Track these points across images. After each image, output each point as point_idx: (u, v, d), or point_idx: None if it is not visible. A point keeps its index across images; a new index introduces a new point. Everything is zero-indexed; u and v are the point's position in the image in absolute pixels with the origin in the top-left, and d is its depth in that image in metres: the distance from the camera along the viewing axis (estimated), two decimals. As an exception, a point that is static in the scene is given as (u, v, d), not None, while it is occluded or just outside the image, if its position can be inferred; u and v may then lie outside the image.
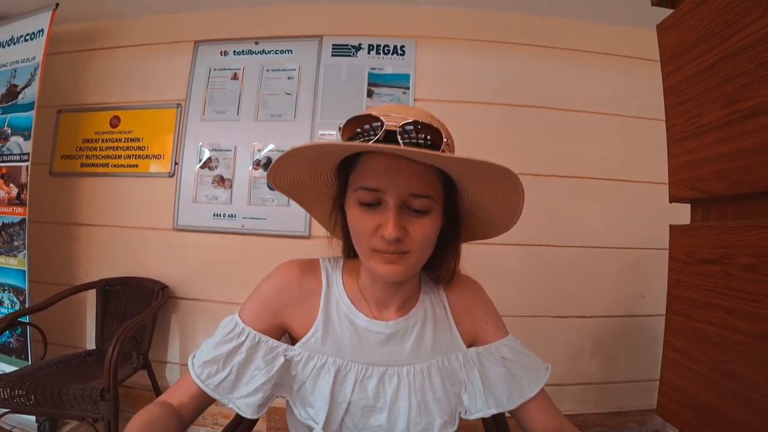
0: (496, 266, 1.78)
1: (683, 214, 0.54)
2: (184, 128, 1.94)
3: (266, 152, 1.89)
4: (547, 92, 1.88)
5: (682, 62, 0.50)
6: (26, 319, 1.66)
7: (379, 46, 1.90)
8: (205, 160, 1.92)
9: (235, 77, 1.95)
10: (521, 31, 1.90)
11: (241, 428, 0.71)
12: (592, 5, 1.81)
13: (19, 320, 1.60)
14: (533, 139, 1.86)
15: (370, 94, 1.87)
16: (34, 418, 1.70)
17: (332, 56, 1.91)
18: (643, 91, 1.86)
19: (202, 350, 0.61)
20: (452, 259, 0.65)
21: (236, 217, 1.88)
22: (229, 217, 1.88)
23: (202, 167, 1.92)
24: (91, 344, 1.91)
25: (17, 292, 1.81)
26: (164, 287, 1.84)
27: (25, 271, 1.78)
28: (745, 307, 0.42)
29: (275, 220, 1.85)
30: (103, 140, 2.02)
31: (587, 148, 1.87)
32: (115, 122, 2.02)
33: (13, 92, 1.90)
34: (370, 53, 1.90)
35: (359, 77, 1.89)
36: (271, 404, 0.61)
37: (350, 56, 1.90)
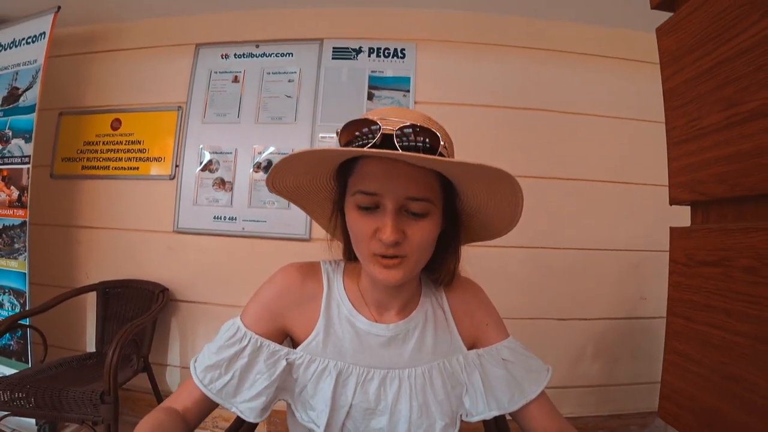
0: (496, 268, 1.78)
1: (683, 216, 0.54)
2: (184, 131, 1.95)
3: (267, 155, 1.89)
4: (547, 95, 1.88)
5: (681, 65, 0.50)
6: (26, 321, 1.66)
7: (379, 49, 1.90)
8: (205, 162, 1.92)
9: (235, 80, 1.95)
10: (521, 34, 1.90)
11: (241, 431, 0.71)
12: (591, 8, 1.82)
13: (19, 323, 1.60)
14: (533, 141, 1.87)
15: (370, 97, 1.87)
16: (33, 420, 1.70)
17: (333, 59, 1.92)
18: (642, 93, 1.86)
19: (204, 354, 0.61)
20: (452, 261, 0.65)
21: (237, 219, 1.88)
22: (229, 219, 1.88)
23: (202, 170, 1.92)
24: (91, 347, 1.91)
25: (17, 294, 1.81)
26: (164, 290, 1.84)
27: (25, 273, 1.78)
28: (745, 309, 0.42)
29: (276, 222, 1.86)
30: (104, 143, 2.03)
31: (587, 150, 1.88)
32: (116, 125, 2.02)
33: (14, 95, 1.90)
34: (370, 56, 1.90)
35: (360, 80, 1.89)
36: (273, 407, 0.61)
37: (351, 59, 1.91)
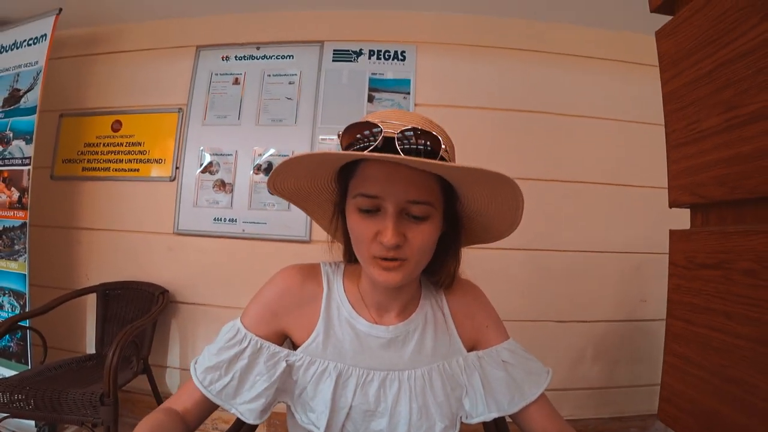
0: (496, 271, 1.78)
1: (683, 218, 0.54)
2: (185, 133, 1.95)
3: (267, 157, 1.89)
4: (546, 97, 1.89)
5: (680, 68, 0.50)
6: (26, 323, 1.65)
7: (379, 51, 1.91)
8: (206, 164, 1.93)
9: (236, 82, 1.96)
10: (521, 36, 1.91)
11: (241, 433, 0.71)
12: (591, 11, 1.83)
13: (19, 324, 1.60)
14: (534, 143, 1.87)
15: (370, 99, 1.88)
16: (33, 422, 1.69)
17: (333, 61, 1.92)
18: (642, 95, 1.87)
19: (204, 356, 0.61)
20: (452, 263, 0.65)
21: (237, 221, 1.88)
22: (229, 221, 1.88)
23: (203, 172, 1.93)
24: (91, 348, 1.91)
25: (17, 296, 1.81)
26: (164, 291, 1.84)
27: (25, 274, 1.79)
28: (745, 311, 0.42)
29: (276, 224, 1.86)
30: (104, 144, 2.03)
31: (587, 152, 1.88)
32: (116, 126, 2.03)
33: (15, 96, 1.91)
34: (370, 58, 1.91)
35: (360, 82, 1.89)
36: (272, 409, 0.61)
37: (351, 61, 1.91)
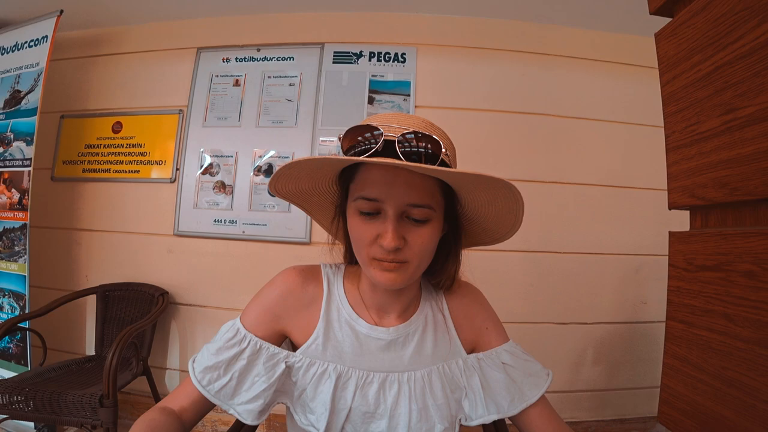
0: (496, 272, 1.78)
1: (684, 220, 0.54)
2: (185, 134, 1.95)
3: (267, 158, 1.90)
4: (546, 99, 1.89)
5: (680, 70, 0.51)
6: (26, 324, 1.65)
7: (380, 53, 1.91)
8: (206, 166, 1.93)
9: (236, 84, 1.96)
10: (522, 38, 1.91)
11: (240, 435, 0.70)
12: (591, 13, 1.83)
13: (18, 326, 1.60)
14: (534, 145, 1.87)
15: (371, 101, 1.88)
16: (32, 424, 1.69)
17: (333, 63, 1.93)
18: (641, 98, 1.87)
19: (203, 355, 0.61)
20: (453, 265, 0.65)
21: (237, 223, 1.88)
22: (229, 223, 1.89)
23: (203, 173, 1.93)
24: (90, 350, 1.91)
25: (17, 297, 1.80)
26: (164, 293, 1.84)
27: (25, 276, 1.78)
28: (745, 313, 0.42)
29: (276, 226, 1.86)
30: (105, 146, 2.03)
31: (587, 154, 1.88)
32: (117, 128, 2.03)
33: (16, 98, 1.91)
34: (371, 60, 1.91)
35: (360, 84, 1.90)
36: (271, 411, 0.61)
37: (351, 63, 1.92)
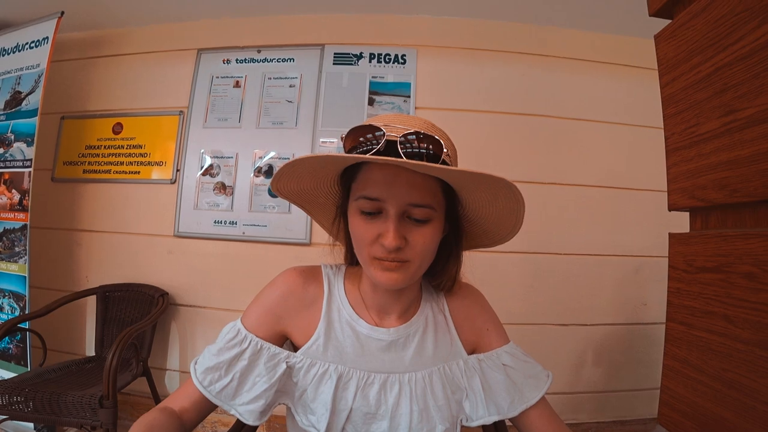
0: (497, 274, 1.78)
1: (684, 222, 0.54)
2: (186, 135, 1.96)
3: (267, 159, 1.90)
4: (546, 100, 1.89)
5: (679, 72, 0.51)
6: (26, 325, 1.65)
7: (380, 54, 1.92)
8: (206, 167, 1.93)
9: (237, 85, 1.97)
10: (522, 40, 1.92)
11: (241, 436, 0.70)
12: (591, 15, 1.83)
13: (18, 326, 1.60)
14: (534, 147, 1.87)
15: (371, 102, 1.88)
16: (32, 425, 1.69)
17: (334, 65, 1.93)
18: (642, 99, 1.87)
19: (204, 356, 0.61)
20: (454, 266, 0.65)
21: (237, 224, 1.88)
22: (230, 224, 1.89)
23: (203, 174, 1.93)
24: (90, 351, 1.90)
25: (17, 297, 1.80)
26: (164, 294, 1.84)
27: (25, 276, 1.78)
28: (745, 315, 0.42)
29: (276, 227, 1.86)
30: (105, 147, 2.04)
31: (587, 156, 1.88)
32: (117, 129, 2.03)
33: (17, 99, 1.91)
34: (371, 62, 1.92)
35: (360, 85, 1.90)
36: (273, 411, 0.61)
37: (352, 65, 1.92)
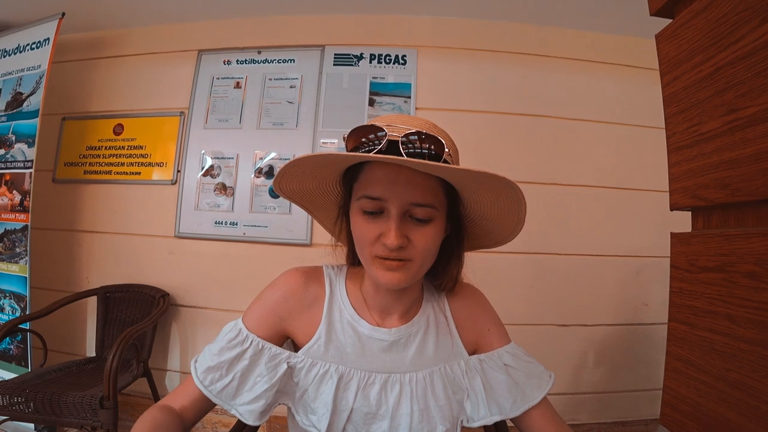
0: (498, 274, 1.77)
1: (685, 221, 0.54)
2: (186, 136, 1.96)
3: (268, 160, 1.90)
4: (547, 101, 1.89)
5: (681, 71, 0.51)
6: (27, 325, 1.65)
7: (380, 55, 1.92)
8: (207, 167, 1.93)
9: (237, 86, 1.97)
10: (522, 40, 1.92)
11: (241, 436, 0.70)
12: (590, 15, 1.83)
13: (19, 327, 1.60)
14: (535, 147, 1.87)
15: (371, 103, 1.88)
16: (33, 425, 1.69)
17: (334, 65, 1.93)
18: (643, 99, 1.87)
19: (205, 355, 0.61)
20: (455, 266, 0.65)
21: (238, 224, 1.88)
22: (230, 224, 1.89)
23: (204, 175, 1.93)
24: (91, 351, 1.90)
25: (18, 298, 1.81)
26: (165, 294, 1.84)
27: (26, 277, 1.79)
28: (748, 314, 0.42)
29: (277, 227, 1.86)
30: (106, 148, 2.04)
31: (588, 156, 1.88)
32: (118, 130, 2.04)
33: (18, 100, 1.92)
34: (371, 62, 1.92)
35: (361, 86, 1.90)
36: (273, 411, 0.61)
37: (352, 65, 1.92)
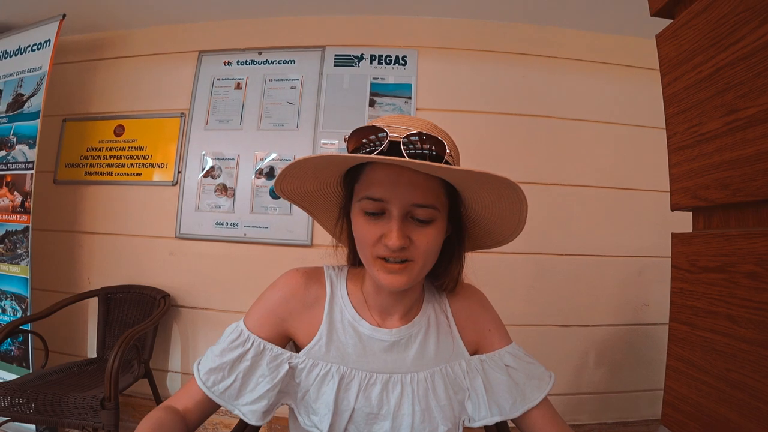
0: (499, 274, 1.77)
1: (686, 222, 0.54)
2: (187, 137, 1.96)
3: (269, 161, 1.90)
4: (547, 101, 1.89)
5: (681, 72, 0.51)
6: (28, 326, 1.65)
7: (381, 56, 1.92)
8: (207, 168, 1.93)
9: (238, 87, 1.97)
10: (522, 41, 1.92)
11: (243, 437, 0.70)
12: (591, 15, 1.83)
13: (20, 328, 1.60)
14: (536, 147, 1.87)
15: (372, 103, 1.89)
16: (34, 426, 1.69)
17: (335, 66, 1.93)
18: (644, 99, 1.87)
19: (207, 357, 0.61)
20: (456, 267, 0.66)
21: (238, 225, 1.88)
22: (231, 225, 1.89)
23: (204, 176, 1.93)
24: (92, 352, 1.91)
25: (19, 299, 1.81)
26: (166, 295, 1.84)
27: (27, 278, 1.79)
28: (749, 315, 0.42)
29: (277, 228, 1.86)
30: (107, 149, 2.04)
31: (589, 156, 1.88)
32: (119, 131, 2.04)
33: (19, 101, 1.92)
34: (372, 63, 1.92)
35: (361, 87, 1.90)
36: (275, 411, 0.61)
37: (352, 66, 1.92)
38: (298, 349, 0.65)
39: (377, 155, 0.51)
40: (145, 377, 1.74)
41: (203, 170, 1.94)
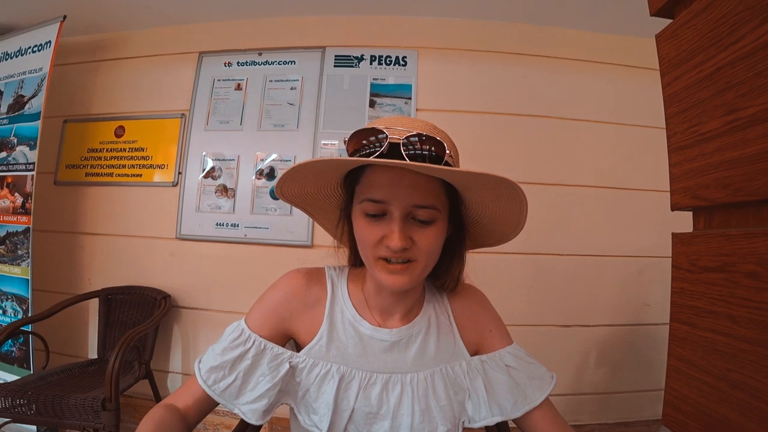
0: (497, 274, 1.77)
1: (687, 222, 0.54)
2: (187, 138, 1.96)
3: (269, 162, 1.90)
4: (547, 101, 1.89)
5: (681, 71, 0.51)
6: (29, 327, 1.66)
7: (381, 56, 1.92)
8: (208, 169, 1.93)
9: (238, 88, 1.97)
10: (522, 41, 1.92)
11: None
12: (590, 15, 1.83)
13: (21, 329, 1.60)
14: (536, 147, 1.87)
15: (372, 104, 1.89)
16: (35, 427, 1.69)
17: (335, 67, 1.93)
18: (643, 99, 1.87)
19: (208, 355, 0.61)
20: (457, 267, 0.66)
21: (239, 226, 1.88)
22: (231, 226, 1.89)
23: (205, 177, 1.93)
24: (93, 353, 1.91)
25: (20, 300, 1.81)
26: (167, 296, 1.84)
27: (28, 279, 1.79)
28: (749, 315, 0.42)
29: (278, 229, 1.86)
30: (107, 150, 2.04)
31: (589, 156, 1.88)
32: (119, 132, 2.04)
33: (20, 102, 1.92)
34: (372, 64, 1.92)
35: (362, 88, 1.90)
36: (275, 411, 0.61)
37: (353, 67, 1.92)
38: (298, 348, 0.65)
39: (377, 157, 0.51)
40: (145, 378, 1.74)
41: (204, 171, 1.94)
